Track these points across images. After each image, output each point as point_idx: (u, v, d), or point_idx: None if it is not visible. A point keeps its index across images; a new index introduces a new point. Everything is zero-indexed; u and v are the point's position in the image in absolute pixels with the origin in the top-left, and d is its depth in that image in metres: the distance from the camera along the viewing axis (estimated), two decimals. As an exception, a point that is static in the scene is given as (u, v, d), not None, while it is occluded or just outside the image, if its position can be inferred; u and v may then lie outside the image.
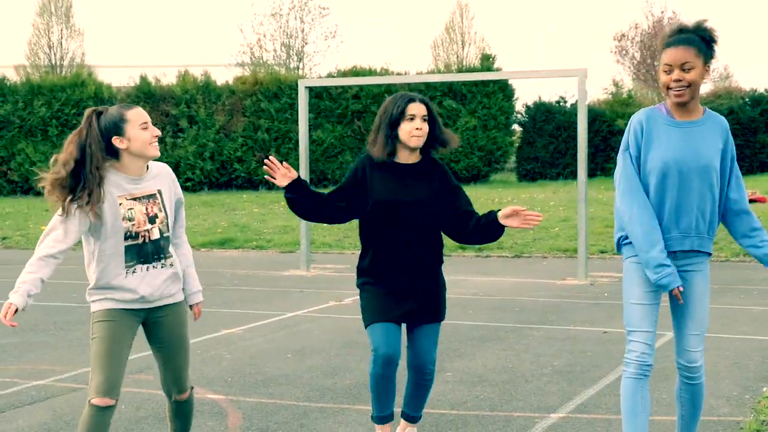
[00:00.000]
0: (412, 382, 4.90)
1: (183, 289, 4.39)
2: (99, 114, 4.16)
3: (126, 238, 4.13)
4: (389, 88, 31.03)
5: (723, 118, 4.31)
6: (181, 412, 4.45)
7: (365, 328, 4.78)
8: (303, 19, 42.23)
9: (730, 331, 8.06)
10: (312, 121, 30.05)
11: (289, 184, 4.68)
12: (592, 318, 8.97)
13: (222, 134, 30.75)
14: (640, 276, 4.24)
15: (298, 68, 41.78)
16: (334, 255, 14.77)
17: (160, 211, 4.22)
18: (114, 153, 4.14)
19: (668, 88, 4.14)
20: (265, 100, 30.92)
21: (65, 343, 8.04)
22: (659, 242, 4.11)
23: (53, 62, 42.16)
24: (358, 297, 4.91)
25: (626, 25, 59.68)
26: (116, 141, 4.10)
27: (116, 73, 37.41)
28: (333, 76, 32.06)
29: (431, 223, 4.76)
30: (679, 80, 4.10)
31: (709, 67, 4.19)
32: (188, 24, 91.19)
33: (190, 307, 4.46)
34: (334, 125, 31.09)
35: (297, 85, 13.65)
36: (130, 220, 4.13)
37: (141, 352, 7.57)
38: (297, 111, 18.59)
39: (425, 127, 4.72)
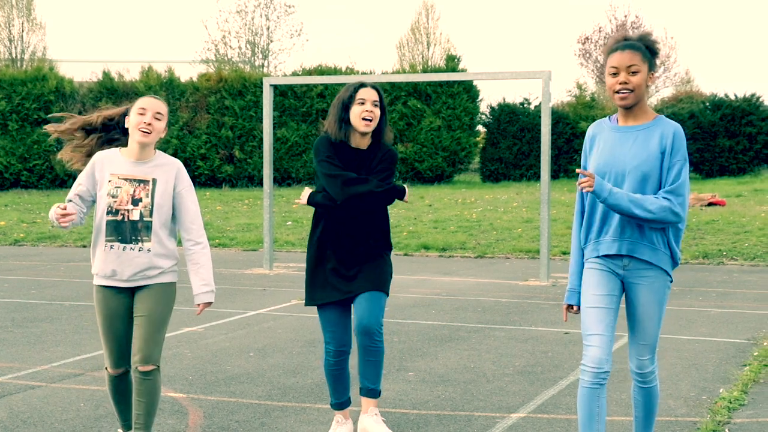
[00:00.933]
0: (361, 347, 4.98)
1: (192, 286, 4.71)
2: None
3: (107, 213, 4.55)
4: (354, 88, 31.01)
5: (676, 124, 4.26)
6: (144, 389, 4.58)
7: (312, 305, 5.08)
8: (268, 16, 42.05)
9: (688, 333, 8.16)
10: (276, 119, 29.96)
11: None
12: (554, 319, 9.03)
13: (185, 131, 30.56)
14: (596, 280, 4.28)
15: (263, 66, 41.60)
16: (297, 254, 14.74)
17: (147, 196, 4.56)
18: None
19: (614, 91, 4.21)
20: (230, 98, 30.78)
21: (24, 340, 7.95)
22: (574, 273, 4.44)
23: (14, 56, 41.61)
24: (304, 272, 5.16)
25: (590, 29, 60.11)
26: (126, 120, 4.68)
27: (78, 67, 36.97)
28: (298, 75, 31.99)
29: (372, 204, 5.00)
30: (625, 83, 4.17)
31: (653, 75, 4.25)
32: (152, 19, 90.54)
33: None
34: (298, 123, 31.01)
35: (262, 82, 13.62)
36: (113, 196, 4.55)
37: (99, 349, 7.52)
38: (261, 109, 18.60)
39: (376, 111, 4.97)
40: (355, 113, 4.96)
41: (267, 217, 12.86)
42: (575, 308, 4.42)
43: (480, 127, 33.79)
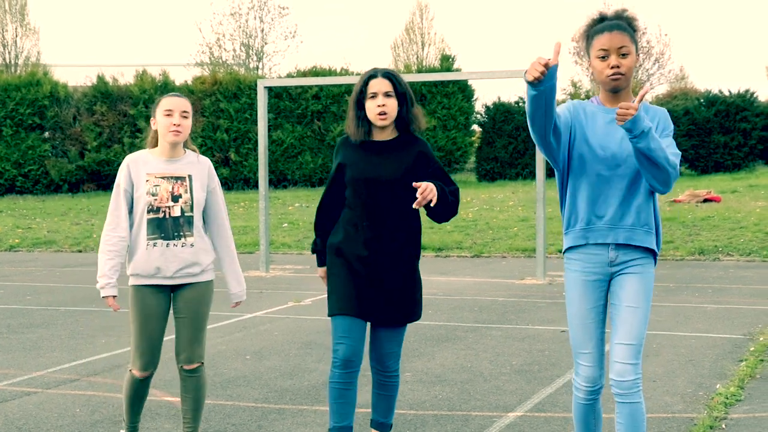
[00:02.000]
0: (376, 381, 4.78)
1: (227, 288, 4.92)
2: None
3: (148, 212, 4.63)
4: (349, 89, 30.98)
5: (662, 108, 4.04)
6: (189, 385, 4.75)
7: (329, 316, 4.64)
8: (262, 18, 42.04)
9: (685, 329, 8.16)
10: (272, 121, 29.94)
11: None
12: (551, 317, 9.02)
13: (180, 134, 30.51)
14: (582, 292, 4.01)
15: (257, 68, 41.59)
16: (294, 255, 14.73)
17: (186, 192, 4.68)
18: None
19: (606, 75, 3.91)
20: (225, 100, 30.76)
21: (19, 346, 7.94)
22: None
23: (7, 61, 41.60)
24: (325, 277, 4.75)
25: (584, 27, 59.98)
26: (152, 121, 4.77)
27: (73, 72, 36.95)
28: (293, 76, 31.97)
29: (403, 204, 4.53)
30: (617, 66, 3.88)
31: (638, 56, 3.98)
32: (146, 23, 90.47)
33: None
34: (293, 125, 30.99)
35: (256, 85, 13.59)
36: (153, 195, 4.64)
37: (95, 355, 7.50)
38: (256, 111, 18.60)
39: (390, 102, 4.52)
40: (370, 109, 4.54)
41: (263, 220, 12.85)
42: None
43: (475, 127, 33.79)
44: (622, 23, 3.94)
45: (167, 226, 4.65)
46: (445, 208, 4.51)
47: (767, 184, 24.25)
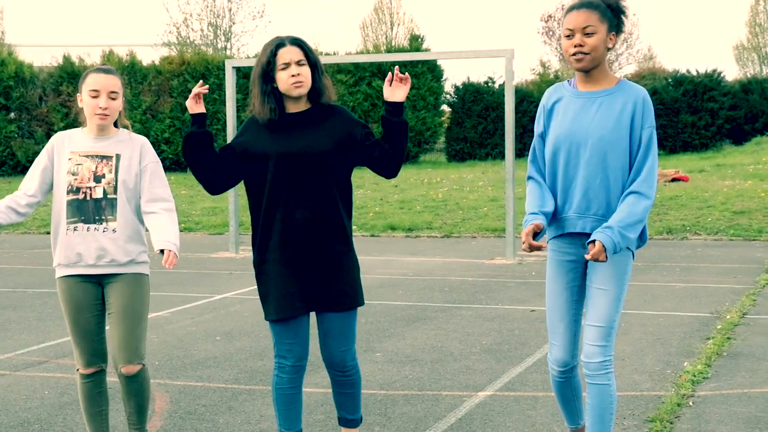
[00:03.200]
0: (334, 381, 4.35)
1: (153, 239, 4.27)
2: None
3: (68, 192, 4.24)
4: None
5: (641, 89, 3.90)
6: (131, 390, 4.32)
7: (266, 320, 4.23)
8: (230, -2, 41.72)
9: (653, 308, 8.22)
10: (240, 101, 29.75)
11: (199, 113, 4.14)
12: (521, 297, 9.07)
13: (149, 115, 30.30)
14: (557, 272, 4.02)
15: (225, 48, 41.31)
16: (264, 236, 14.67)
17: (110, 172, 4.26)
18: None
19: (570, 54, 3.84)
20: (193, 81, 30.51)
21: (-13, 329, 7.86)
22: (532, 213, 3.91)
23: (-28, 41, 41.01)
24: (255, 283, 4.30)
25: (553, 6, 60.18)
26: (78, 97, 4.34)
27: (38, 52, 36.48)
28: (261, 56, 31.75)
29: (331, 179, 4.13)
30: (580, 45, 3.80)
31: (614, 36, 3.87)
32: (112, 2, 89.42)
33: (161, 251, 4.21)
34: (262, 106, 30.83)
35: (224, 65, 13.50)
36: (73, 174, 4.25)
37: (64, 337, 7.45)
38: (225, 91, 18.43)
39: (304, 71, 4.10)
40: (282, 80, 4.09)
41: (232, 200, 12.79)
42: (543, 244, 3.83)
43: (445, 107, 33.80)
44: (595, 2, 3.84)
45: (88, 209, 4.22)
46: (398, 137, 4.09)
47: (734, 164, 24.47)
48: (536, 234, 3.85)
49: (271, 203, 4.13)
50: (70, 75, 30.25)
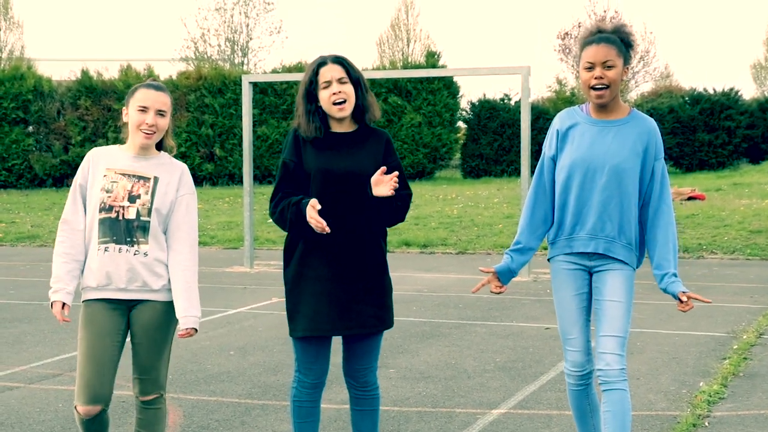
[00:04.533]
0: (354, 397, 4.34)
1: (177, 307, 4.12)
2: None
3: (100, 210, 4.03)
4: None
5: (651, 119, 4.17)
6: (146, 418, 4.13)
7: (289, 335, 4.21)
8: (248, 14, 41.90)
9: (668, 327, 8.18)
10: (256, 116, 29.86)
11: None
12: (535, 314, 9.03)
13: (165, 129, 30.40)
14: (567, 279, 4.18)
15: (242, 63, 41.46)
16: (278, 251, 14.68)
17: (147, 194, 4.06)
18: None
19: (590, 87, 4.06)
20: (209, 96, 30.66)
21: (2, 340, 7.89)
22: (518, 243, 4.27)
23: (-8, 55, 41.33)
24: (285, 296, 4.23)
25: (569, 24, 60.25)
26: (123, 111, 4.18)
27: (57, 66, 36.73)
28: (278, 72, 31.91)
29: (371, 200, 4.10)
30: (600, 78, 4.02)
31: (627, 69, 4.12)
32: (131, 17, 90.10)
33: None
34: (278, 121, 30.94)
35: (241, 80, 13.56)
36: (107, 191, 4.04)
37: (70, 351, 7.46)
38: (241, 106, 18.58)
39: (346, 88, 4.10)
40: (324, 99, 4.09)
41: (247, 215, 12.82)
42: (503, 287, 4.24)
43: (460, 124, 33.82)
44: (612, 36, 4.08)
45: (119, 229, 4.01)
46: (390, 212, 4.12)
47: (751, 183, 24.36)
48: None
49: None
50: (88, 89, 30.44)
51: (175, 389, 6.23)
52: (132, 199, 4.04)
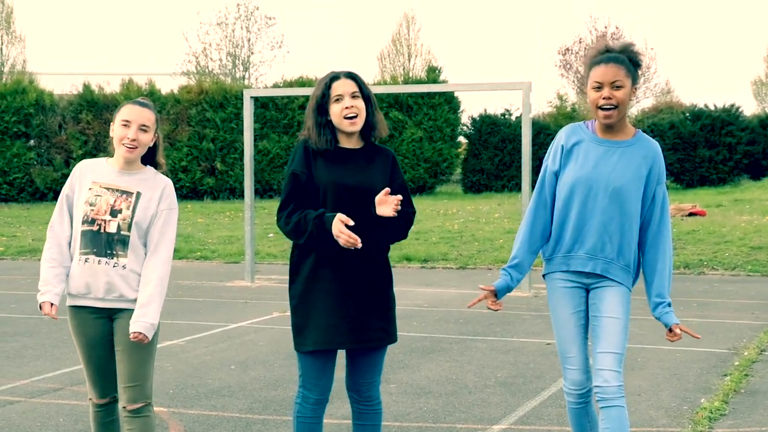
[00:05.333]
0: (356, 412, 4.36)
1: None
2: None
3: (83, 222, 4.19)
4: (336, 99, 30.98)
5: (655, 143, 4.17)
6: (134, 428, 4.18)
7: (296, 350, 4.22)
8: (249, 28, 42.02)
9: (669, 343, 8.14)
10: (258, 131, 29.90)
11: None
12: (536, 330, 9.03)
13: (166, 143, 30.45)
14: (564, 298, 4.18)
15: (243, 78, 41.56)
16: (279, 266, 14.69)
17: (128, 209, 4.19)
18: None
19: (597, 106, 4.05)
20: (211, 110, 30.70)
21: (2, 355, 7.89)
22: (513, 252, 4.27)
23: (-7, 69, 41.42)
24: (290, 311, 4.25)
25: (571, 40, 60.37)
26: (111, 126, 4.31)
27: (58, 80, 36.80)
28: (279, 87, 31.96)
29: (377, 218, 4.13)
30: (608, 98, 4.01)
31: (635, 89, 4.12)
32: (132, 32, 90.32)
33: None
34: (279, 135, 30.96)
35: (243, 94, 13.59)
36: (91, 205, 4.19)
37: (79, 364, 7.46)
38: (243, 121, 18.66)
39: (358, 104, 4.15)
40: (335, 113, 4.12)
41: (248, 230, 12.83)
42: (499, 303, 4.21)
43: (461, 138, 33.85)
44: (621, 56, 4.07)
45: (100, 242, 4.16)
46: (393, 230, 4.17)
47: (752, 199, 24.36)
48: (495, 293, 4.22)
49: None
50: (89, 103, 30.49)
51: (176, 404, 6.22)
52: (114, 213, 4.19)
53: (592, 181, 4.06)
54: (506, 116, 32.87)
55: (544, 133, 32.02)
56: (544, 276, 4.29)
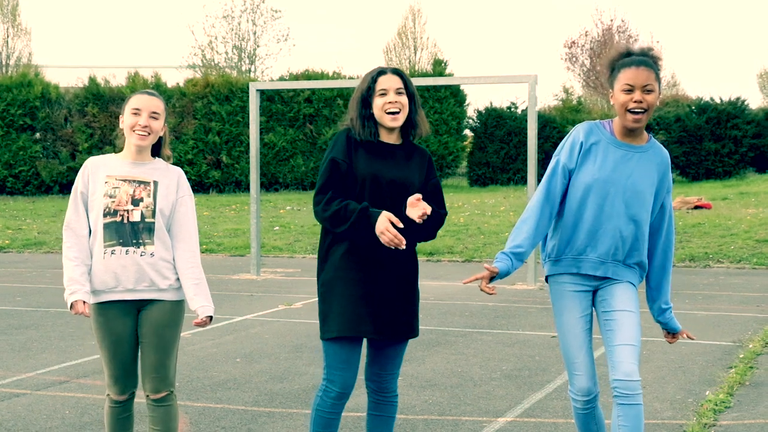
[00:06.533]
0: (373, 402, 4.39)
1: (191, 298, 4.25)
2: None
3: (105, 215, 4.16)
4: (341, 92, 31.00)
5: (666, 151, 4.14)
6: (158, 416, 4.25)
7: (321, 338, 4.22)
8: (255, 21, 42.07)
9: (676, 336, 8.16)
10: (263, 124, 29.92)
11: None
12: (541, 322, 9.03)
13: (172, 136, 30.43)
14: (569, 302, 4.10)
15: (249, 71, 41.60)
16: (285, 259, 14.71)
17: (149, 197, 4.20)
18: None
19: (627, 109, 3.95)
20: (216, 103, 30.72)
21: (8, 347, 7.91)
22: (517, 241, 4.05)
23: (-1, 62, 41.50)
24: (318, 298, 4.28)
25: (576, 33, 60.32)
26: (120, 119, 4.31)
27: (64, 73, 36.87)
28: (285, 80, 31.97)
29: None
30: (640, 101, 3.93)
31: (660, 92, 4.06)
32: (138, 25, 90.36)
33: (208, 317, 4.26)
34: (285, 128, 30.98)
35: (248, 87, 13.59)
36: (111, 197, 4.17)
37: (85, 356, 7.48)
38: (248, 114, 18.64)
39: (402, 100, 4.19)
40: (378, 106, 4.17)
41: (254, 223, 12.84)
42: (492, 287, 4.00)
43: (467, 132, 33.84)
44: (649, 60, 4.00)
45: (125, 231, 4.15)
46: (421, 231, 4.20)
47: (758, 192, 24.32)
48: (492, 277, 4.01)
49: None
50: (95, 96, 30.53)
51: (182, 396, 6.24)
52: (135, 202, 4.18)
53: (609, 184, 3.99)
54: (512, 109, 32.85)
55: (549, 126, 32.00)
56: (547, 278, 4.19)
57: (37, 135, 30.31)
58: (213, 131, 30.56)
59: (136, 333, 4.26)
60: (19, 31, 42.33)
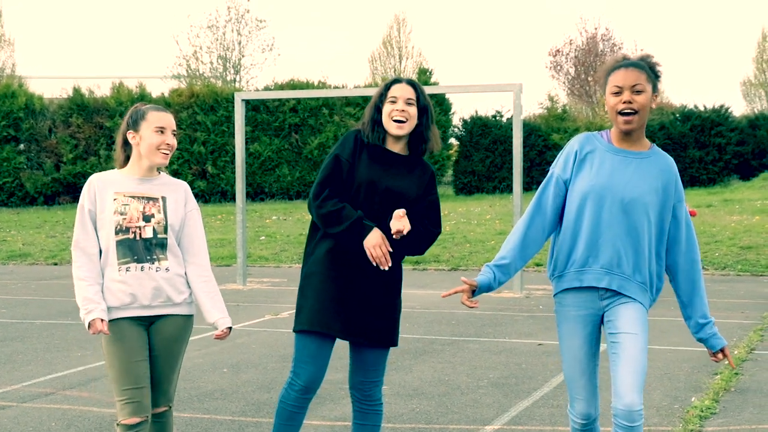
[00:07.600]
0: (357, 411, 4.40)
1: (209, 312, 4.26)
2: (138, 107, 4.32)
3: (117, 233, 4.12)
4: (326, 102, 31.03)
5: (671, 158, 3.98)
6: (154, 430, 4.24)
7: (294, 331, 4.26)
8: (240, 31, 42.04)
9: (661, 343, 8.21)
10: (249, 134, 29.91)
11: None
12: (528, 330, 9.05)
13: (157, 147, 30.40)
14: (573, 326, 3.96)
15: (234, 81, 41.56)
16: (271, 269, 14.70)
17: (159, 212, 4.18)
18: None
19: (617, 111, 3.84)
20: (202, 113, 30.70)
21: (-6, 360, 7.87)
22: (502, 252, 3.97)
23: (-18, 73, 41.32)
24: (297, 291, 4.33)
25: (561, 41, 60.63)
26: (129, 135, 4.21)
27: (48, 84, 36.76)
28: (270, 89, 31.97)
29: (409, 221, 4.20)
30: (629, 102, 3.81)
31: (656, 97, 3.92)
32: (123, 35, 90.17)
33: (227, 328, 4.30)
34: (271, 138, 30.98)
35: (234, 97, 13.60)
36: (122, 214, 4.13)
37: (71, 368, 7.45)
38: (234, 124, 18.59)
39: (411, 110, 4.20)
40: (386, 113, 4.19)
41: (240, 233, 12.83)
42: (474, 301, 3.86)
43: (453, 140, 33.92)
44: (640, 62, 3.89)
45: (139, 248, 4.12)
46: (408, 246, 4.22)
47: (742, 199, 24.46)
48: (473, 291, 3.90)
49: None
50: (79, 107, 30.45)
51: (169, 407, 6.22)
52: (147, 218, 4.15)
53: (606, 190, 3.84)
54: (497, 118, 32.95)
55: (535, 134, 32.10)
56: (555, 295, 4.05)
57: (21, 146, 30.20)
58: (198, 141, 30.53)
59: (147, 349, 4.19)
60: (2, 41, 42.19)
